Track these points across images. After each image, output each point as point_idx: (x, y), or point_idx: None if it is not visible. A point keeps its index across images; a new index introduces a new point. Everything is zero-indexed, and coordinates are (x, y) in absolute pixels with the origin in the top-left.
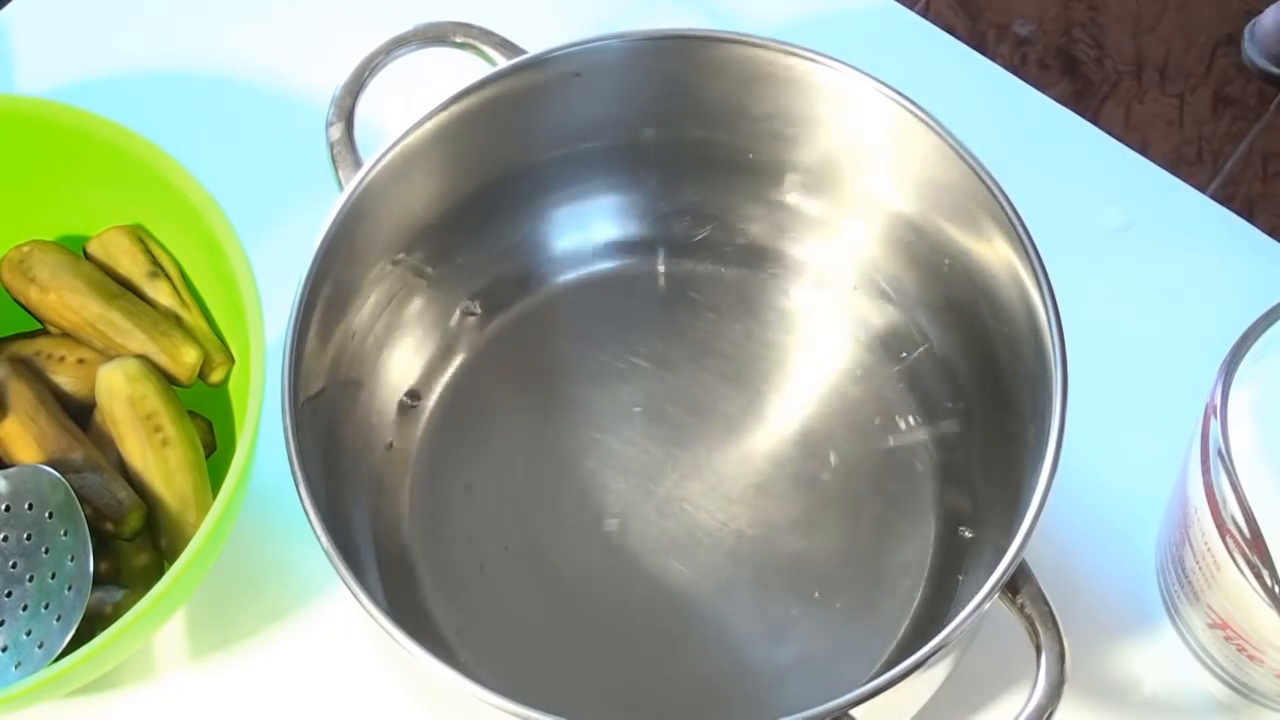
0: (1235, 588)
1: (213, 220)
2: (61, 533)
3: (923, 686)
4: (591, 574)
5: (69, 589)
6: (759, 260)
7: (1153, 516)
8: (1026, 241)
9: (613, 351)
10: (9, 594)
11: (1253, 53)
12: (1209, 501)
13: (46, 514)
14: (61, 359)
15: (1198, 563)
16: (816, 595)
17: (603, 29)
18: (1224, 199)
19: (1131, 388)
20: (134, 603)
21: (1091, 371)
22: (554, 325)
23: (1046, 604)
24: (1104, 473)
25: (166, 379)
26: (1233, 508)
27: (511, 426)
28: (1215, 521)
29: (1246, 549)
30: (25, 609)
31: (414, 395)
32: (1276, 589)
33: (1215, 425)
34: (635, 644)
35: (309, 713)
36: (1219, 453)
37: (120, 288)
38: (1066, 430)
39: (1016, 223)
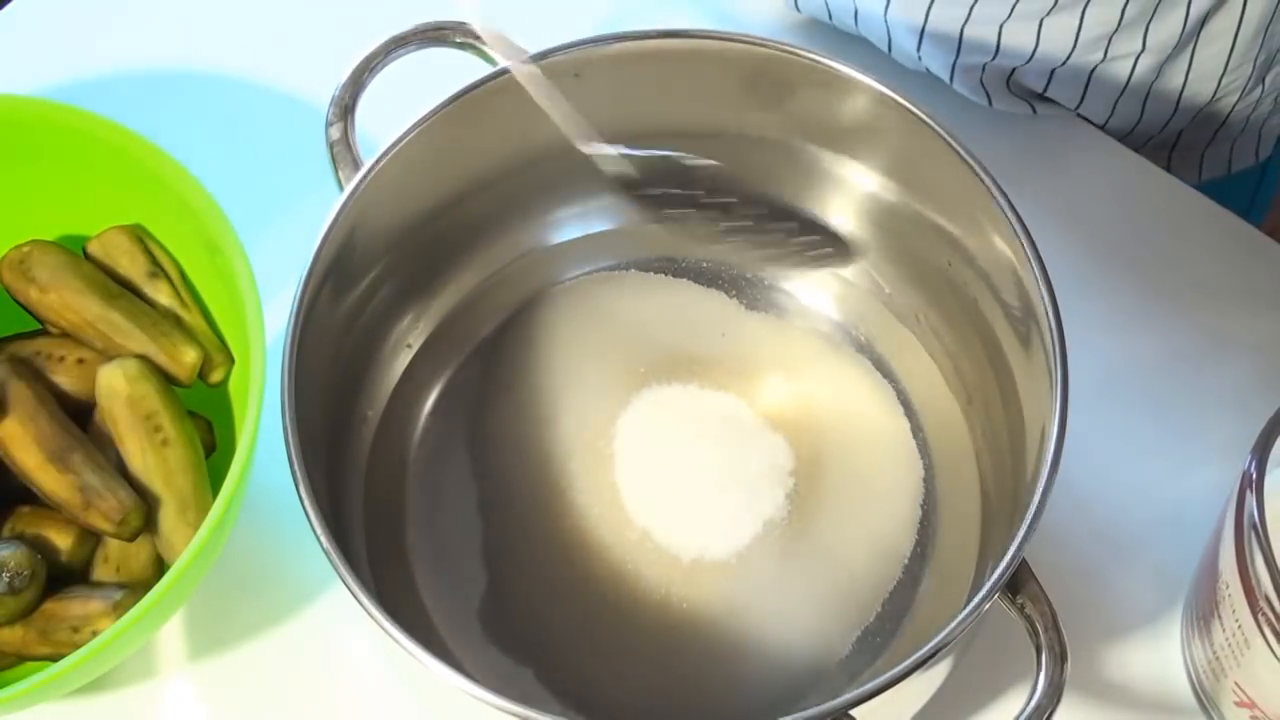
0: (1266, 667)
1: (213, 220)
2: None
3: (923, 686)
4: (592, 574)
5: None
6: (759, 259)
7: (1153, 519)
8: (1026, 241)
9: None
10: None
11: None
12: (1241, 577)
13: None
14: (61, 359)
15: (1227, 640)
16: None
17: (603, 29)
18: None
19: (1134, 390)
20: (134, 603)
21: (1097, 376)
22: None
23: (1047, 604)
24: (1109, 477)
25: (166, 379)
26: (1267, 586)
27: (512, 426)
28: (1248, 599)
29: None
30: None
31: (413, 395)
32: None
33: (1251, 499)
34: (634, 643)
35: (309, 713)
36: (1254, 527)
37: (120, 288)
38: (1067, 431)
39: (1016, 222)
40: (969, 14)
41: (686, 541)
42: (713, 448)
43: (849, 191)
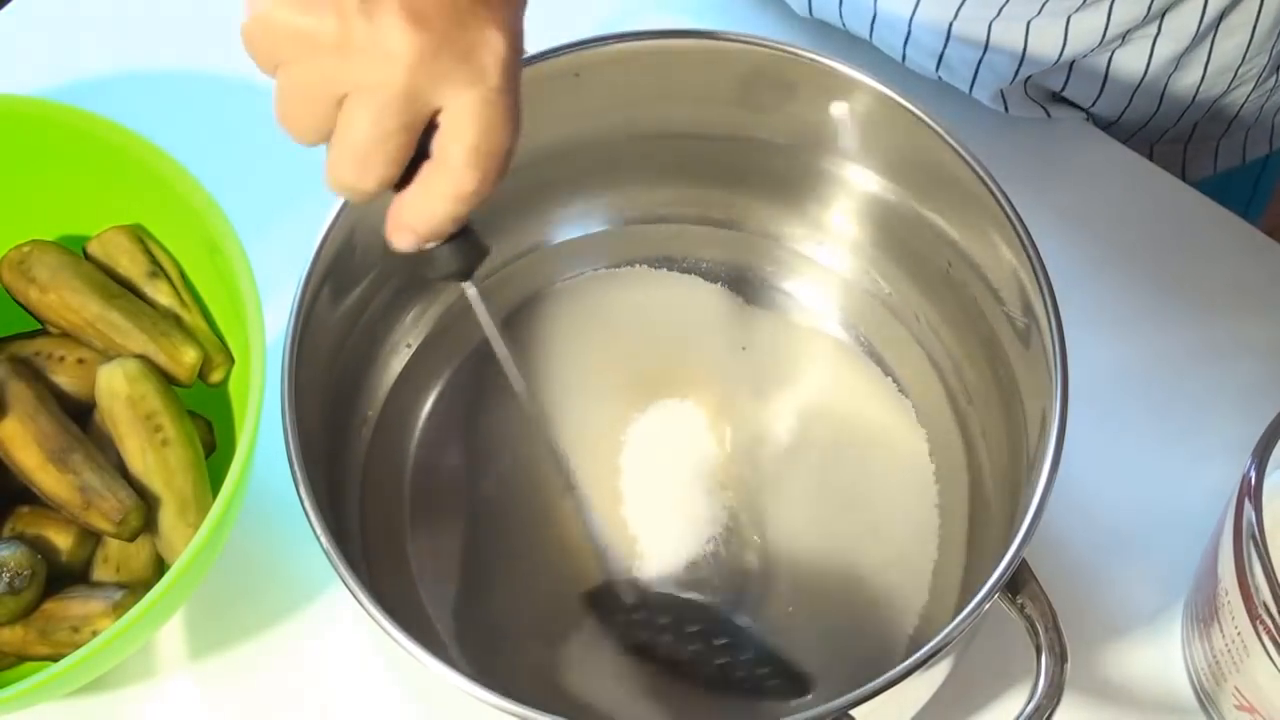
0: (1266, 674)
1: (213, 220)
2: None
3: (923, 686)
4: (592, 574)
5: None
6: (758, 260)
7: (1154, 519)
8: (1026, 241)
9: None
10: None
11: None
12: (1240, 585)
13: None
14: (61, 359)
15: (1227, 646)
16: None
17: (603, 29)
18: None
19: (1135, 389)
20: (134, 603)
21: (1097, 376)
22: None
23: (1047, 604)
24: (1109, 477)
25: (166, 379)
26: (1266, 595)
27: (511, 426)
28: (1247, 606)
29: (1279, 637)
30: None
31: (412, 395)
32: None
33: (1249, 508)
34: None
35: (309, 713)
36: (1252, 537)
37: (120, 288)
38: (1067, 431)
39: (1016, 222)
40: (999, 12)
41: (687, 547)
42: (716, 457)
43: (849, 192)
